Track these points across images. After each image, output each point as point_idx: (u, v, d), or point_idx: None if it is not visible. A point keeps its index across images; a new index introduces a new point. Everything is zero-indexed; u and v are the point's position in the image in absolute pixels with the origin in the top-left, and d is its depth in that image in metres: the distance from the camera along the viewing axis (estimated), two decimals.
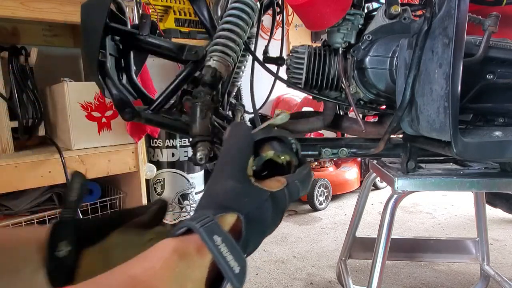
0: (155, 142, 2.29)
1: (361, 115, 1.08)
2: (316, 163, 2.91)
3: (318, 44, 1.12)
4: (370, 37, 0.95)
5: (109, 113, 1.83)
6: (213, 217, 0.38)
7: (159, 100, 0.91)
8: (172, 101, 0.93)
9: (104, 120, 1.82)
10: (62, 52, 2.11)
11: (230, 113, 1.07)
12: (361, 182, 2.98)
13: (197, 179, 2.32)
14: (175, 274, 0.34)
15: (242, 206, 0.41)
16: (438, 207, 2.71)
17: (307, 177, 0.48)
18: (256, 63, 1.06)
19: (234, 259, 0.36)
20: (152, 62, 2.41)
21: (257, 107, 1.23)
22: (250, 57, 1.06)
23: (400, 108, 0.81)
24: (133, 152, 1.89)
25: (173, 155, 2.27)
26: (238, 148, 0.45)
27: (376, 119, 1.11)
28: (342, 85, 1.02)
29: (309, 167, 0.50)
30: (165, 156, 2.28)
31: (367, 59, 0.95)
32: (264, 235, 0.45)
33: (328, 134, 1.96)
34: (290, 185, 0.46)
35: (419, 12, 1.02)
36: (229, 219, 0.40)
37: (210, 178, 0.44)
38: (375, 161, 1.19)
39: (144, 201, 1.91)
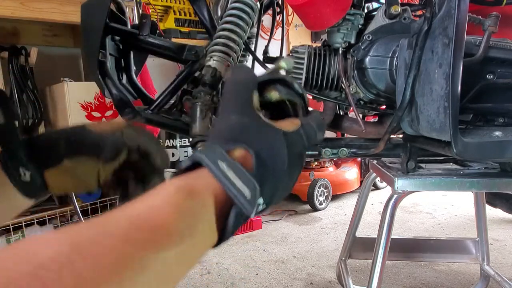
0: None
1: (361, 115, 1.08)
2: (316, 163, 2.91)
3: (318, 44, 1.12)
4: (370, 37, 0.95)
5: (109, 113, 1.83)
6: (219, 147, 0.35)
7: (159, 100, 0.91)
8: (172, 101, 0.93)
9: (104, 120, 1.82)
10: (62, 52, 2.11)
11: None
12: (361, 182, 2.98)
13: None
14: (183, 213, 0.30)
15: (251, 141, 0.37)
16: (438, 207, 2.71)
17: (322, 121, 0.44)
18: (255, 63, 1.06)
19: (244, 184, 0.33)
20: (152, 62, 2.41)
21: None
22: (250, 57, 1.06)
23: (400, 108, 0.81)
24: None
25: (173, 155, 2.27)
26: (241, 84, 0.41)
27: (376, 119, 1.11)
28: (342, 85, 1.02)
29: (320, 113, 0.46)
30: None
31: (367, 59, 0.95)
32: (282, 182, 0.39)
33: (328, 134, 1.96)
34: (306, 127, 0.42)
35: (419, 12, 1.02)
36: (237, 153, 0.36)
37: (214, 121, 0.43)
38: (375, 161, 1.19)
39: None
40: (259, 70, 1.09)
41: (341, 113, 1.14)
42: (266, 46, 1.14)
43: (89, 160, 0.49)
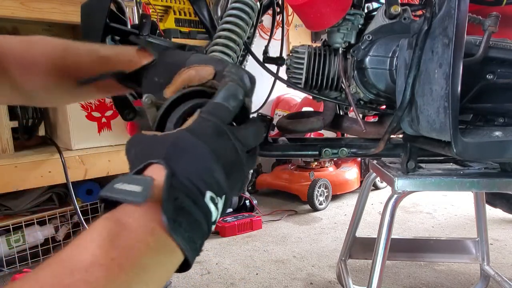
0: None
1: (361, 115, 1.08)
2: (316, 163, 2.91)
3: (318, 44, 1.12)
4: (370, 37, 0.95)
5: (109, 113, 1.83)
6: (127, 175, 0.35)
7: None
8: None
9: (104, 120, 1.82)
10: None
11: None
12: (361, 182, 2.97)
13: None
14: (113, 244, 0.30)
15: (154, 154, 0.36)
16: (438, 207, 2.70)
17: (234, 87, 0.41)
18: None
19: (133, 184, 0.33)
20: None
21: (257, 107, 1.23)
22: (250, 57, 1.06)
23: (400, 108, 0.81)
24: None
25: None
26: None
27: (376, 119, 1.11)
28: (342, 85, 1.02)
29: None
30: None
31: (367, 59, 0.95)
32: (214, 164, 0.36)
33: (328, 134, 1.96)
34: (211, 108, 0.39)
35: (419, 12, 1.02)
36: (153, 170, 0.35)
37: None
38: (375, 161, 1.19)
39: None
40: (259, 70, 1.09)
41: (341, 113, 1.14)
42: (266, 46, 1.14)
43: None
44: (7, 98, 0.62)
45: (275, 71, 1.10)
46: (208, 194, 0.35)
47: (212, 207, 0.35)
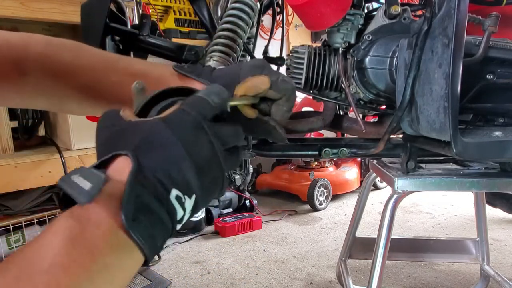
0: None
1: (361, 115, 1.08)
2: (316, 163, 2.91)
3: (318, 44, 1.12)
4: (370, 37, 0.95)
5: None
6: (86, 168, 0.34)
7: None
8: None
9: None
10: None
11: None
12: (361, 182, 2.97)
13: None
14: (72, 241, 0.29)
15: (123, 145, 0.34)
16: (438, 207, 2.70)
17: (216, 88, 0.40)
18: None
19: (85, 178, 0.32)
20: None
21: None
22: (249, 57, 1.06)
23: (400, 108, 0.81)
24: None
25: None
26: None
27: (376, 119, 1.11)
28: (342, 85, 1.02)
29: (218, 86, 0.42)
30: None
31: (367, 59, 0.95)
32: (186, 161, 0.35)
33: (328, 134, 1.96)
34: (192, 101, 0.37)
35: (419, 12, 1.02)
36: (117, 165, 0.34)
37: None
38: (375, 161, 1.19)
39: None
40: None
41: (341, 113, 1.14)
42: (266, 46, 1.14)
43: None
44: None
45: None
46: (174, 192, 0.34)
47: (177, 205, 0.34)
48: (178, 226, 0.36)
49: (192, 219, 2.31)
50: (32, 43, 0.49)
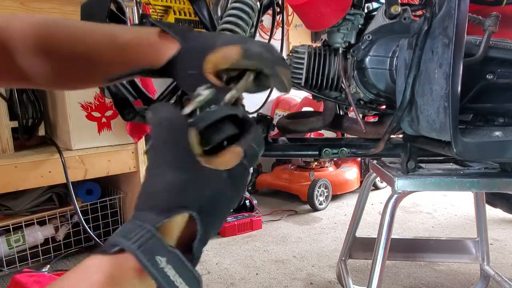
0: None
1: (361, 115, 1.08)
2: (316, 163, 2.91)
3: (318, 44, 1.12)
4: (370, 37, 0.95)
5: (109, 113, 1.83)
6: (154, 228, 0.30)
7: (159, 100, 0.91)
8: (172, 101, 0.93)
9: (104, 120, 1.82)
10: None
11: None
12: (361, 182, 2.97)
13: None
14: None
15: (192, 200, 0.33)
16: (438, 207, 2.70)
17: (261, 137, 0.40)
18: None
19: (185, 283, 0.30)
20: None
21: (257, 107, 1.23)
22: None
23: (400, 108, 0.81)
24: (133, 152, 1.89)
25: None
26: (171, 129, 0.35)
27: (376, 119, 1.11)
28: (342, 85, 1.02)
29: (257, 127, 0.41)
30: None
31: (367, 59, 0.95)
32: (224, 219, 0.38)
33: (328, 134, 1.96)
34: (247, 151, 0.37)
35: (419, 12, 1.02)
36: (178, 222, 0.32)
37: (145, 172, 0.36)
38: (375, 161, 1.19)
39: None
40: None
41: (341, 113, 1.14)
42: None
43: None
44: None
45: None
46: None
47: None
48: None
49: None
50: (13, 23, 0.48)
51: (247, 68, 0.44)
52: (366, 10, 1.04)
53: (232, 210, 0.39)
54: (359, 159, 3.01)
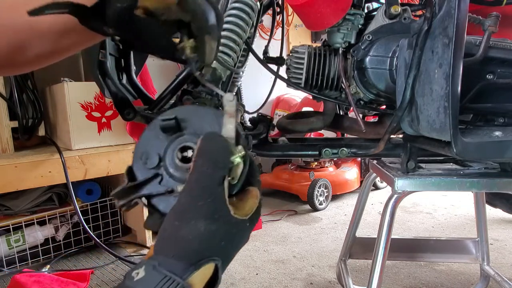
0: None
1: (361, 115, 1.08)
2: (316, 163, 2.91)
3: (318, 44, 1.12)
4: (370, 37, 0.95)
5: (109, 113, 1.83)
6: (183, 281, 0.30)
7: (159, 100, 0.91)
8: (172, 101, 0.93)
9: (104, 120, 1.82)
10: None
11: None
12: (361, 182, 2.97)
13: None
14: None
15: (221, 251, 0.32)
16: (438, 207, 2.70)
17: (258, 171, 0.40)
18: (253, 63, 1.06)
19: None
20: (152, 62, 2.41)
21: (257, 107, 1.23)
22: (251, 56, 1.06)
23: (400, 108, 0.81)
24: (133, 152, 1.89)
25: None
26: (214, 174, 0.33)
27: (376, 119, 1.11)
28: (342, 85, 1.02)
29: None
30: None
31: (367, 59, 0.95)
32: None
33: (328, 134, 1.96)
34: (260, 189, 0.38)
35: (419, 12, 1.02)
36: (206, 272, 0.32)
37: (173, 213, 0.34)
38: (375, 161, 1.19)
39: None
40: (259, 70, 1.09)
41: (341, 113, 1.14)
42: (266, 46, 1.14)
43: None
44: None
45: (275, 71, 1.10)
46: None
47: None
48: None
49: None
50: None
51: (179, 18, 0.40)
52: (366, 10, 1.04)
53: None
54: (359, 159, 3.01)
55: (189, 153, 0.38)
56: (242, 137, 0.38)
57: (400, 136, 0.99)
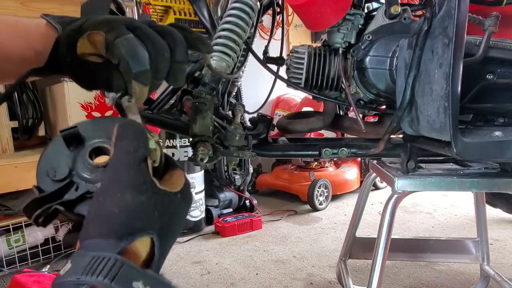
0: None
1: (361, 115, 1.08)
2: (316, 163, 2.91)
3: (318, 44, 1.12)
4: (370, 37, 0.95)
5: (109, 113, 1.83)
6: (117, 255, 0.28)
7: (159, 100, 0.91)
8: (172, 101, 0.93)
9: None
10: None
11: (230, 113, 1.07)
12: (361, 182, 2.97)
13: (197, 178, 2.32)
14: None
15: (153, 223, 0.31)
16: (438, 207, 2.70)
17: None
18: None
19: None
20: None
21: (257, 107, 1.23)
22: (250, 56, 1.06)
23: (400, 108, 0.81)
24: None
25: (173, 155, 2.27)
26: (134, 150, 0.33)
27: (376, 119, 1.11)
28: (342, 85, 1.02)
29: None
30: None
31: (367, 59, 0.95)
32: (177, 238, 0.36)
33: (328, 134, 1.96)
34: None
35: (419, 12, 1.02)
36: (141, 246, 0.30)
37: (96, 193, 0.33)
38: (375, 161, 1.19)
39: None
40: (259, 70, 1.09)
41: (341, 113, 1.14)
42: (266, 46, 1.14)
43: None
44: None
45: (275, 72, 1.10)
46: None
47: None
48: None
49: (192, 219, 2.31)
50: None
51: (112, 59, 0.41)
52: (366, 10, 1.04)
53: (231, 211, 0.37)
54: (359, 159, 3.01)
55: (101, 159, 0.37)
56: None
57: (400, 136, 0.99)
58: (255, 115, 1.07)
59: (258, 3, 0.90)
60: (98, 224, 0.30)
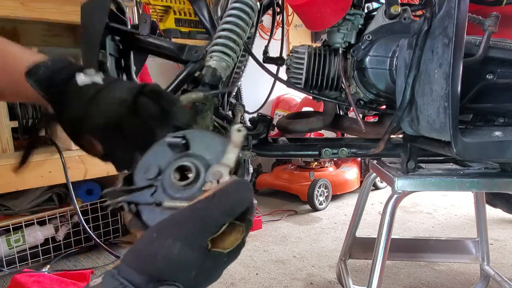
0: None
1: (361, 115, 1.08)
2: (316, 163, 2.91)
3: (318, 44, 1.12)
4: (370, 37, 0.95)
5: None
6: None
7: None
8: None
9: None
10: (62, 52, 2.11)
11: (230, 113, 1.07)
12: (361, 182, 2.97)
13: None
14: None
15: (186, 279, 0.31)
16: (438, 207, 2.70)
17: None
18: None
19: None
20: (152, 62, 2.40)
21: (257, 107, 1.23)
22: (250, 57, 1.06)
23: (400, 108, 0.81)
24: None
25: None
26: (214, 218, 0.33)
27: (376, 119, 1.11)
28: (342, 85, 1.02)
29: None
30: None
31: (367, 59, 0.95)
32: None
33: (328, 134, 1.96)
34: (248, 228, 0.36)
35: (419, 12, 1.02)
36: None
37: (156, 226, 0.33)
38: (375, 161, 1.19)
39: None
40: (259, 70, 1.09)
41: (341, 113, 1.14)
42: (266, 46, 1.14)
43: None
44: None
45: (275, 71, 1.10)
46: None
47: None
48: None
49: None
50: None
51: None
52: (366, 10, 1.04)
53: None
54: (359, 159, 3.01)
55: (190, 175, 0.38)
56: (241, 167, 0.39)
57: (400, 136, 0.99)
58: (255, 115, 1.07)
59: (258, 3, 0.90)
60: (141, 258, 0.31)
